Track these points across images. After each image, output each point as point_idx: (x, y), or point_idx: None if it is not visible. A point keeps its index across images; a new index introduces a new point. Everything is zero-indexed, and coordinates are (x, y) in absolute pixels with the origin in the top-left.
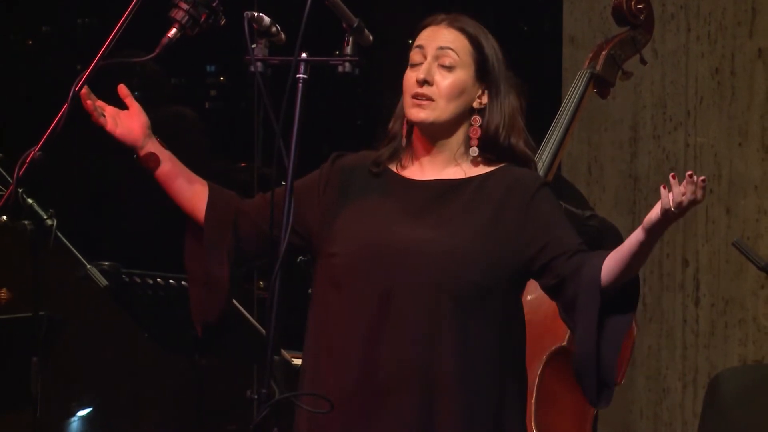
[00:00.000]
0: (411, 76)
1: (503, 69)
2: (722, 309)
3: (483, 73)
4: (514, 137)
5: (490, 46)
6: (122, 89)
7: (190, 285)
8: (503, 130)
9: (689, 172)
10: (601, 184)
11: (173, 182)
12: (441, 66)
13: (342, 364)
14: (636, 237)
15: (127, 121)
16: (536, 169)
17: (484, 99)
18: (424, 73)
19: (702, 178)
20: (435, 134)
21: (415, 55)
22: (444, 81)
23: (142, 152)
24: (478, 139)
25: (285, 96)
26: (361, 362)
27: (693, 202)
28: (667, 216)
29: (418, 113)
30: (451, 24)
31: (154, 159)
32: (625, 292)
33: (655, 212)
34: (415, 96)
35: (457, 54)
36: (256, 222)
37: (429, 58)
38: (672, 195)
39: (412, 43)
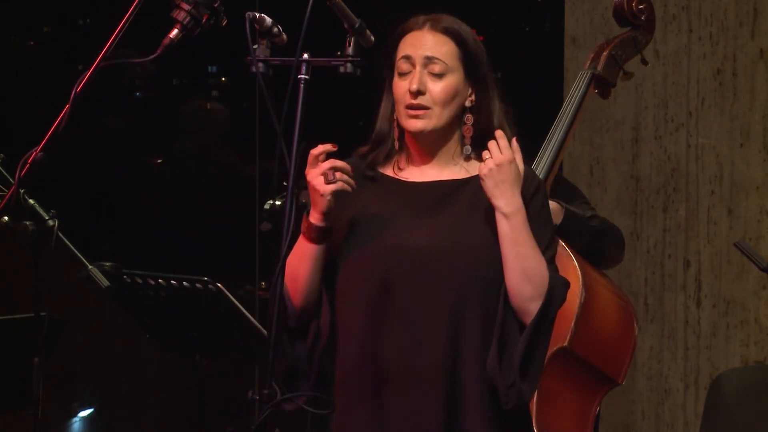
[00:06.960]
0: (402, 86)
1: (486, 61)
2: (724, 310)
3: (471, 72)
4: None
5: (473, 42)
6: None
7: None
8: (496, 124)
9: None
10: (602, 184)
11: (321, 261)
12: (431, 74)
13: (355, 368)
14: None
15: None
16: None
17: (474, 97)
18: (417, 84)
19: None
20: (431, 140)
21: (402, 65)
22: (436, 88)
23: (327, 223)
24: (471, 137)
25: (286, 97)
26: (375, 363)
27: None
28: (485, 185)
29: (415, 124)
30: (434, 27)
31: (329, 232)
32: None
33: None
34: (410, 107)
35: (444, 61)
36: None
37: (418, 67)
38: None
39: (394, 50)
